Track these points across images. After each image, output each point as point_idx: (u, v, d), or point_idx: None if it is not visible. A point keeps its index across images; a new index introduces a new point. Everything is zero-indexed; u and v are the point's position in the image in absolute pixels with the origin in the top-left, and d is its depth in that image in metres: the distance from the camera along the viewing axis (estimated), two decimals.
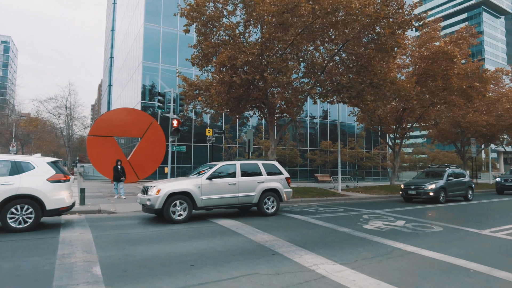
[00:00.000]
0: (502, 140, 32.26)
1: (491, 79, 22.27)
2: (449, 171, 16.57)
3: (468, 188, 17.11)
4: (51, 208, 7.92)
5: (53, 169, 8.18)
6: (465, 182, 17.05)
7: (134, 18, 36.58)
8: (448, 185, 15.76)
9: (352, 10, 12.71)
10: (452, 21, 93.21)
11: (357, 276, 4.95)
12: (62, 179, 8.21)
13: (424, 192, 14.98)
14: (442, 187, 15.33)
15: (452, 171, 16.75)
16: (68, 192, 8.41)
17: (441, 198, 15.10)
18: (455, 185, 16.31)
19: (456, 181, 16.44)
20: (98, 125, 24.94)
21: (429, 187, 15.10)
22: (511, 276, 5.05)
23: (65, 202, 8.23)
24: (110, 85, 63.33)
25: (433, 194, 14.80)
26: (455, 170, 17.17)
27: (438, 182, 15.35)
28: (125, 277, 4.77)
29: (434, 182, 15.32)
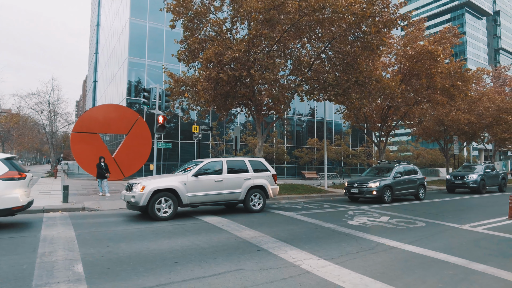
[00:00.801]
0: (482, 138, 33.16)
1: (472, 79, 22.80)
2: (398, 167, 15.25)
3: (420, 186, 15.69)
4: (2, 208, 7.40)
5: (6, 166, 7.62)
6: (416, 180, 15.60)
7: (119, 13, 35.91)
8: (395, 183, 14.41)
9: (339, 8, 12.80)
10: (437, 21, 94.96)
11: (341, 271, 5.01)
12: (16, 177, 7.64)
13: (367, 191, 13.64)
14: (387, 186, 13.97)
15: (401, 168, 15.46)
16: (23, 190, 7.87)
17: (386, 198, 13.72)
18: (404, 183, 14.92)
19: (405, 179, 15.05)
20: (82, 122, 24.44)
21: (372, 185, 13.66)
22: (488, 269, 5.20)
23: (18, 202, 7.64)
24: (95, 81, 62.15)
25: (377, 193, 13.46)
26: (405, 166, 15.86)
27: (384, 180, 14.04)
28: (107, 274, 4.70)
29: (378, 180, 13.95)
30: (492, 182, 20.39)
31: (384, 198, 13.73)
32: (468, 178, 19.32)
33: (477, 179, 19.09)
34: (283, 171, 35.98)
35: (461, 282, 4.65)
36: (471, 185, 19.05)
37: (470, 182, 19.17)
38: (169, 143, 15.58)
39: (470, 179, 19.24)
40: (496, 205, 13.62)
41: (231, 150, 31.42)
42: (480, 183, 19.04)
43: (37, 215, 9.57)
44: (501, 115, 26.28)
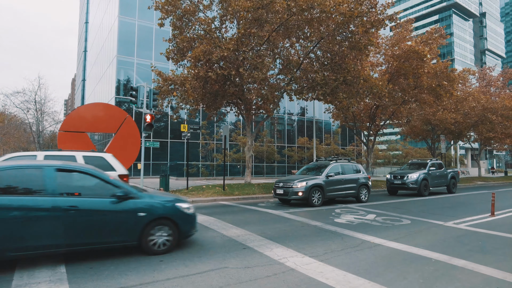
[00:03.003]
0: (469, 137, 33.78)
1: (458, 79, 23.21)
2: (333, 166, 13.27)
3: (362, 187, 13.73)
4: None
5: None
6: (357, 180, 13.63)
7: (108, 11, 35.48)
8: (328, 183, 12.53)
9: (327, 8, 12.90)
10: (425, 22, 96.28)
11: (325, 268, 5.06)
12: None
13: (293, 191, 11.94)
14: (317, 186, 12.15)
15: (337, 166, 13.42)
16: None
17: (314, 200, 11.99)
18: (340, 183, 13.02)
19: (341, 179, 13.12)
20: (69, 120, 24.02)
21: (299, 185, 11.88)
22: (468, 264, 5.32)
23: None
24: (84, 79, 61.26)
25: (303, 195, 11.77)
26: (344, 164, 13.86)
27: (313, 179, 12.25)
28: (90, 274, 4.66)
29: (306, 179, 12.21)
30: (439, 182, 17.89)
31: (312, 200, 11.92)
32: (408, 178, 16.67)
33: (418, 179, 16.49)
34: (274, 170, 36.08)
35: (442, 278, 4.75)
36: (410, 186, 16.45)
37: (409, 182, 16.51)
38: (157, 142, 15.47)
39: (410, 178, 16.59)
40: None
41: (221, 149, 31.37)
42: (421, 183, 16.45)
43: None
44: (486, 115, 26.82)
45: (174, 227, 5.72)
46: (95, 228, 5.18)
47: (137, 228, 5.44)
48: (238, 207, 11.80)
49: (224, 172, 16.22)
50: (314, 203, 12.03)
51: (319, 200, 12.22)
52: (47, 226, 4.81)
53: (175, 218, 5.76)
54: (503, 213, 11.15)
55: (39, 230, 4.75)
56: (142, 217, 5.46)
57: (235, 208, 11.44)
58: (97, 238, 5.22)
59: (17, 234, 4.62)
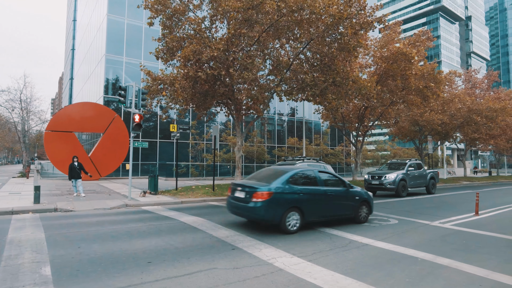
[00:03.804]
0: (455, 138, 34.43)
1: (444, 81, 23.63)
2: (298, 165, 12.09)
3: None
4: None
5: None
6: None
7: (96, 9, 34.99)
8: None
9: (316, 9, 12.98)
10: (413, 25, 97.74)
11: (313, 268, 5.10)
12: None
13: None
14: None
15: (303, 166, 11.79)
16: None
17: None
18: None
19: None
20: (56, 120, 23.70)
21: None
22: (453, 263, 5.44)
23: None
24: (72, 78, 60.24)
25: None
26: (310, 163, 12.73)
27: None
28: (77, 276, 4.60)
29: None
30: (417, 183, 17.78)
31: None
32: (385, 178, 16.50)
33: (396, 179, 16.29)
34: None
35: (427, 276, 4.84)
36: (388, 186, 16.28)
37: (387, 182, 16.34)
38: (146, 142, 15.31)
39: (388, 179, 16.42)
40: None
41: (211, 149, 31.26)
42: (399, 184, 16.21)
43: (4, 217, 9.19)
44: (471, 116, 27.37)
45: (368, 207, 9.22)
46: (338, 206, 8.59)
47: (355, 206, 8.87)
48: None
49: (214, 173, 16.17)
50: None
51: None
52: (322, 204, 8.17)
53: (369, 200, 9.28)
54: (487, 212, 11.43)
55: (320, 206, 8.13)
56: (357, 200, 8.92)
57: (225, 209, 11.38)
58: (339, 212, 8.61)
59: (314, 208, 7.98)
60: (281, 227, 7.36)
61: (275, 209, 7.29)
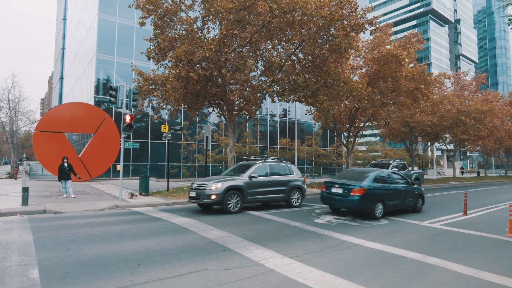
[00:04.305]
0: (444, 138, 34.94)
1: (434, 82, 23.97)
2: (259, 165, 11.48)
3: (294, 191, 12.02)
4: None
5: None
6: (287, 182, 11.87)
7: (87, 8, 34.61)
8: (250, 185, 10.78)
9: (308, 10, 13.06)
10: (404, 27, 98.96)
11: (304, 268, 5.13)
12: None
13: (205, 194, 10.16)
14: (234, 188, 10.40)
15: (265, 166, 11.60)
16: None
17: (231, 205, 10.32)
18: (265, 185, 11.24)
19: (267, 181, 11.32)
20: (46, 120, 23.35)
21: (213, 187, 10.15)
22: (441, 262, 5.52)
23: None
24: (62, 77, 59.43)
25: (216, 198, 10.08)
26: (273, 164, 11.98)
27: (231, 181, 10.57)
28: (65, 279, 4.54)
29: (223, 180, 10.42)
30: None
31: (227, 205, 10.25)
32: None
33: None
34: None
35: (416, 276, 4.90)
36: None
37: None
38: (137, 143, 15.20)
39: None
40: None
41: (202, 149, 31.16)
42: None
43: None
44: (460, 117, 27.81)
45: (422, 199, 11.67)
46: (405, 198, 10.82)
47: (415, 199, 11.24)
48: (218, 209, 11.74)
49: (206, 173, 16.13)
50: (231, 209, 10.30)
51: (237, 205, 10.50)
52: (396, 197, 10.48)
53: (423, 194, 11.74)
54: (475, 212, 11.63)
55: (395, 199, 10.46)
56: (416, 194, 11.27)
57: (216, 210, 11.38)
58: (405, 203, 10.85)
59: (391, 200, 10.32)
60: (371, 215, 9.78)
61: (368, 201, 9.54)
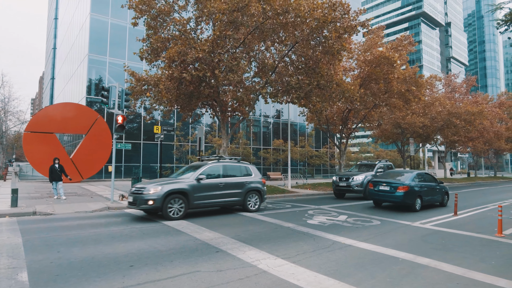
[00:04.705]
0: (435, 140, 35.35)
1: (425, 84, 24.26)
2: (210, 166, 10.49)
3: (251, 194, 10.96)
4: None
5: None
6: (243, 184, 10.83)
7: (79, 8, 34.28)
8: (197, 188, 9.69)
9: (301, 12, 13.12)
10: (396, 29, 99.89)
11: (297, 269, 5.14)
12: None
13: (142, 199, 9.10)
14: (177, 192, 9.34)
15: (217, 167, 10.58)
16: None
17: (172, 211, 9.19)
18: (216, 188, 10.16)
19: (219, 183, 10.26)
20: (36, 120, 23.04)
21: (151, 191, 9.10)
22: (432, 262, 5.58)
23: None
24: (53, 78, 58.70)
25: (154, 204, 8.99)
26: (228, 164, 10.95)
27: (174, 183, 9.53)
28: (55, 281, 4.48)
29: (164, 183, 9.44)
30: None
31: (168, 211, 9.14)
32: (353, 180, 15.59)
33: (364, 181, 15.38)
34: None
35: (407, 276, 4.95)
36: (355, 189, 15.47)
37: (354, 184, 15.49)
38: (129, 144, 15.09)
39: (355, 181, 15.53)
40: None
41: (196, 150, 31.04)
42: (367, 186, 15.21)
43: None
44: (451, 119, 28.19)
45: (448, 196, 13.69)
46: (436, 194, 12.86)
47: (442, 195, 13.23)
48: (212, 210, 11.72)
49: None
50: (172, 215, 9.15)
51: (180, 211, 9.34)
52: (429, 193, 12.35)
53: (448, 192, 13.69)
54: (465, 212, 11.78)
55: (429, 194, 12.31)
56: (443, 191, 13.27)
57: (209, 211, 11.35)
58: (435, 199, 12.71)
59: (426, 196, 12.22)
60: (412, 208, 11.65)
61: (410, 196, 11.54)
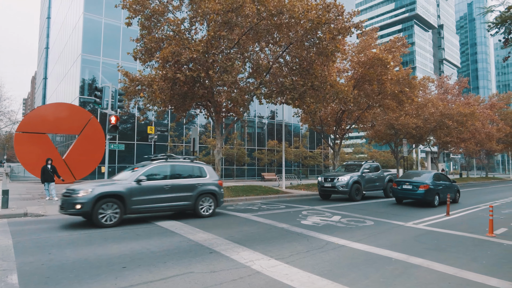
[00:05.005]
0: (428, 141, 35.67)
1: (418, 86, 24.47)
2: (155, 165, 9.56)
3: (203, 197, 10.06)
4: None
5: None
6: (194, 186, 9.88)
7: (72, 7, 33.99)
8: (136, 191, 8.72)
9: (296, 13, 13.16)
10: (389, 31, 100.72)
11: (290, 270, 5.14)
12: None
13: (70, 203, 8.21)
14: (111, 196, 8.42)
15: (163, 167, 9.69)
16: None
17: (104, 217, 8.28)
18: (161, 190, 9.19)
19: (164, 185, 9.29)
20: (28, 121, 22.77)
21: (80, 194, 8.18)
22: (424, 262, 5.62)
23: None
24: (46, 77, 58.11)
25: (82, 208, 8.09)
26: (177, 164, 10.05)
27: (108, 185, 8.63)
28: (46, 284, 4.43)
29: (97, 185, 8.51)
30: (374, 186, 16.66)
31: (98, 217, 8.19)
32: (338, 181, 15.28)
33: (349, 182, 15.13)
34: (244, 173, 36.10)
35: (400, 276, 4.97)
36: (340, 189, 15.13)
37: (339, 185, 15.14)
38: (122, 145, 14.99)
39: (340, 181, 15.22)
40: None
41: (190, 151, 30.95)
42: (352, 186, 15.10)
43: None
44: (443, 120, 28.46)
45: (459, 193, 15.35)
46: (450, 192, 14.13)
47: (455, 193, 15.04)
48: None
49: None
50: (105, 222, 8.25)
51: (115, 217, 8.42)
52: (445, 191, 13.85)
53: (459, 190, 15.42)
54: (457, 212, 11.90)
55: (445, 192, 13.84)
56: (455, 189, 15.11)
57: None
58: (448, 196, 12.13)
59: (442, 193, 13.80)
60: (431, 204, 13.28)
61: (430, 194, 13.20)
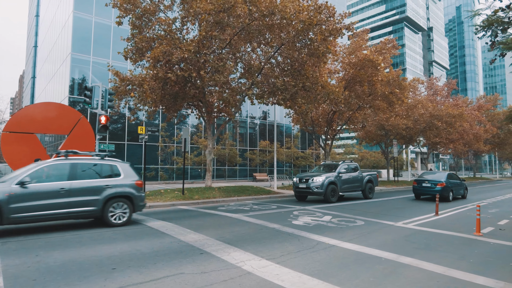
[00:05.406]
0: (418, 142, 36.13)
1: (408, 87, 24.79)
2: (46, 165, 7.95)
3: (114, 202, 8.48)
4: None
5: None
6: (102, 189, 8.30)
7: (61, 5, 33.51)
8: (15, 196, 7.14)
9: (287, 14, 13.22)
10: (380, 33, 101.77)
11: (281, 270, 5.14)
12: None
13: None
14: None
15: (60, 166, 8.08)
16: None
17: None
18: (53, 195, 7.63)
19: (59, 189, 7.72)
20: (15, 120, 22.19)
21: None
22: (414, 261, 5.69)
23: None
24: (34, 76, 57.14)
25: None
26: (79, 162, 8.39)
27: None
28: (33, 287, 4.35)
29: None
30: (351, 187, 15.94)
31: None
32: (312, 182, 14.48)
33: (324, 183, 14.32)
34: (235, 173, 36.04)
35: (390, 275, 5.02)
36: (315, 190, 14.34)
37: (314, 186, 14.35)
38: (112, 145, 14.83)
39: (315, 182, 14.41)
40: None
41: (181, 151, 30.77)
42: (327, 188, 14.35)
43: None
44: (432, 121, 28.86)
45: (466, 190, 18.37)
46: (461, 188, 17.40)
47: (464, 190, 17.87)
48: (198, 211, 11.64)
49: (184, 176, 15.90)
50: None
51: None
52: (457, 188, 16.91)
53: (467, 187, 18.87)
54: (446, 212, 12.08)
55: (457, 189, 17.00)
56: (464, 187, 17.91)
57: (194, 213, 11.28)
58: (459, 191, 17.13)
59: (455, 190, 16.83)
60: (446, 199, 15.53)
61: (446, 190, 15.44)
